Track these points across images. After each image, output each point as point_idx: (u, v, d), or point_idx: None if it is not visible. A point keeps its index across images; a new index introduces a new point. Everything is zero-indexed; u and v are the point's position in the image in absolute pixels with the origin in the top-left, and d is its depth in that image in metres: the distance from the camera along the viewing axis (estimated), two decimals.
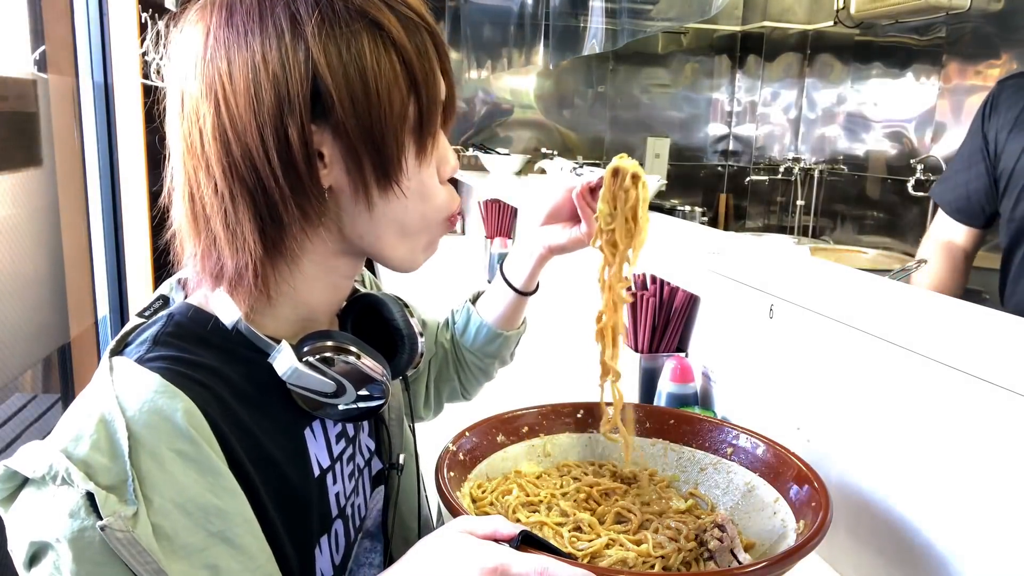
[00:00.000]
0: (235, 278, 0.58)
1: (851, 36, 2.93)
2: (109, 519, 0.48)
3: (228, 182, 0.55)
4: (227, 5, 0.56)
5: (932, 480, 0.81)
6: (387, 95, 0.56)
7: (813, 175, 3.14)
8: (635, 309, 1.39)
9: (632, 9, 2.50)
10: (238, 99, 0.54)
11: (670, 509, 0.82)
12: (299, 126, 0.54)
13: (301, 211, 0.57)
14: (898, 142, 2.71)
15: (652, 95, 3.54)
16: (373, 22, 0.55)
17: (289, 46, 0.54)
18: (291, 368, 0.59)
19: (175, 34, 0.59)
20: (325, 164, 0.57)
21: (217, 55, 0.55)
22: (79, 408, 0.53)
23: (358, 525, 0.71)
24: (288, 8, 0.54)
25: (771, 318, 1.06)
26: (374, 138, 0.56)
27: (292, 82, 0.54)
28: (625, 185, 0.75)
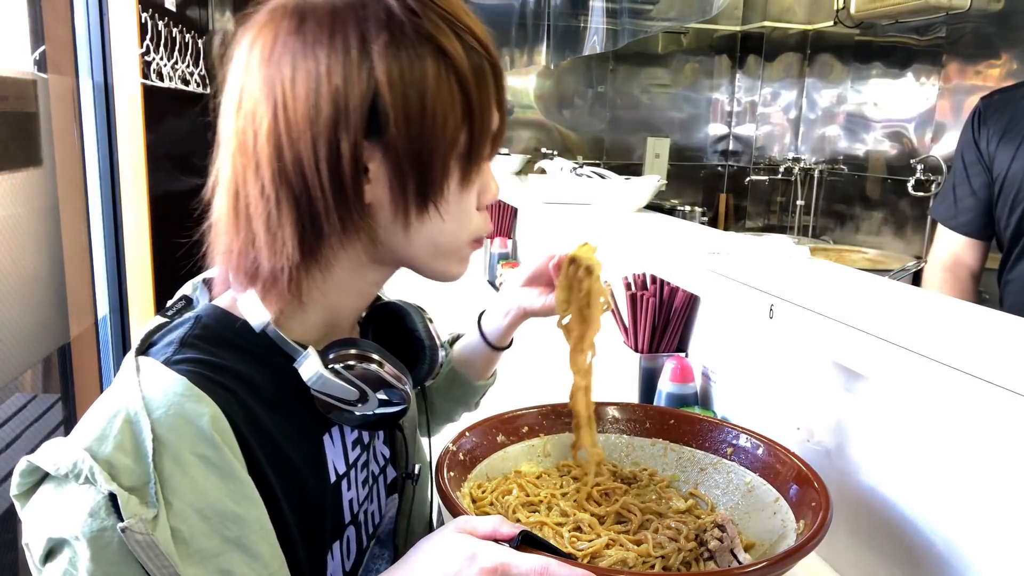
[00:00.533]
0: (269, 280, 0.58)
1: (851, 36, 2.93)
2: (130, 521, 0.48)
3: (275, 185, 0.56)
4: (299, 12, 0.56)
5: (932, 480, 0.81)
6: (442, 121, 0.56)
7: (813, 175, 3.14)
8: (635, 309, 1.39)
9: (632, 9, 2.50)
10: (297, 106, 0.55)
11: (670, 509, 0.82)
12: (352, 141, 0.55)
13: (341, 222, 0.57)
14: (898, 142, 2.71)
15: (652, 95, 3.54)
16: (439, 48, 0.56)
17: (355, 62, 0.54)
18: (316, 374, 0.59)
19: (241, 31, 0.60)
20: (369, 179, 0.57)
21: (283, 60, 0.55)
22: (105, 407, 0.53)
23: (371, 532, 0.71)
24: (359, 25, 0.55)
25: (771, 318, 1.06)
26: (422, 161, 0.57)
27: (352, 97, 0.54)
28: (579, 276, 0.77)
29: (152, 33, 2.08)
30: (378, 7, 0.55)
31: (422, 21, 0.56)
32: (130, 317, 2.02)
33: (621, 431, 0.94)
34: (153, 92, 2.08)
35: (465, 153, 0.59)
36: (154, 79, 2.10)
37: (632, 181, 1.89)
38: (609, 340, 1.50)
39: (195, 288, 0.67)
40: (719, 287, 1.18)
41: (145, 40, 2.02)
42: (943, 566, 0.79)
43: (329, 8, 0.56)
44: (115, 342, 2.02)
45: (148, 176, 2.03)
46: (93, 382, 1.99)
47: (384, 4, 0.56)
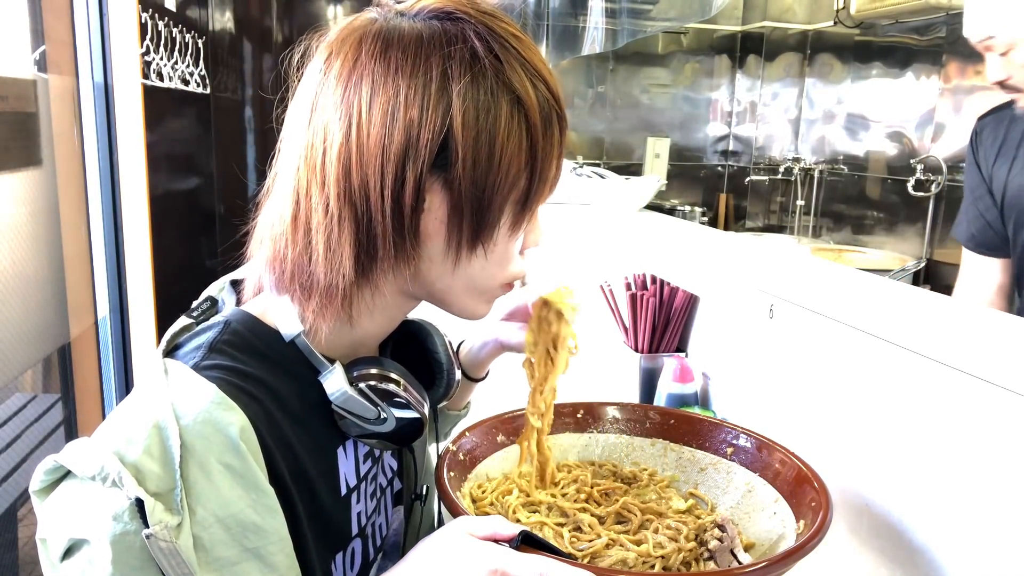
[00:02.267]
0: (325, 293, 0.58)
1: (851, 36, 2.93)
2: (155, 528, 0.48)
3: (339, 204, 0.56)
4: (384, 37, 0.57)
5: (932, 480, 0.81)
6: (507, 167, 0.57)
7: (813, 175, 3.14)
8: (635, 309, 1.39)
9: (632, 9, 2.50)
10: (371, 131, 0.55)
11: (670, 509, 0.82)
12: (418, 172, 0.55)
13: (395, 248, 0.58)
14: (898, 142, 2.71)
15: (652, 95, 3.54)
16: (515, 96, 0.57)
17: (433, 96, 0.55)
18: (341, 390, 0.60)
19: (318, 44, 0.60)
20: (427, 211, 0.58)
21: (363, 82, 0.56)
22: (133, 410, 0.53)
23: (378, 544, 0.71)
24: (443, 62, 0.56)
25: (771, 318, 1.06)
26: (481, 202, 0.58)
27: (425, 131, 0.55)
28: (549, 318, 0.77)
29: (152, 33, 2.08)
30: (464, 48, 0.56)
31: (503, 68, 0.57)
32: (130, 317, 2.02)
33: (621, 431, 0.94)
34: (153, 92, 2.08)
35: (521, 199, 0.60)
36: (154, 79, 2.10)
37: (632, 181, 1.89)
38: (609, 340, 1.50)
39: (221, 289, 0.67)
40: (719, 287, 1.18)
41: (145, 40, 2.02)
42: (943, 566, 0.79)
43: (415, 39, 0.56)
44: (115, 342, 2.02)
45: (148, 176, 2.03)
46: (93, 382, 1.99)
47: (470, 45, 0.56)
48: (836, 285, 0.99)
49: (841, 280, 1.01)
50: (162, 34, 2.17)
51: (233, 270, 0.69)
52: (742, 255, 1.24)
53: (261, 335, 0.60)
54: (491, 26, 0.58)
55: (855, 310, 0.91)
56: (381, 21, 0.58)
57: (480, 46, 0.56)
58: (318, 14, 3.14)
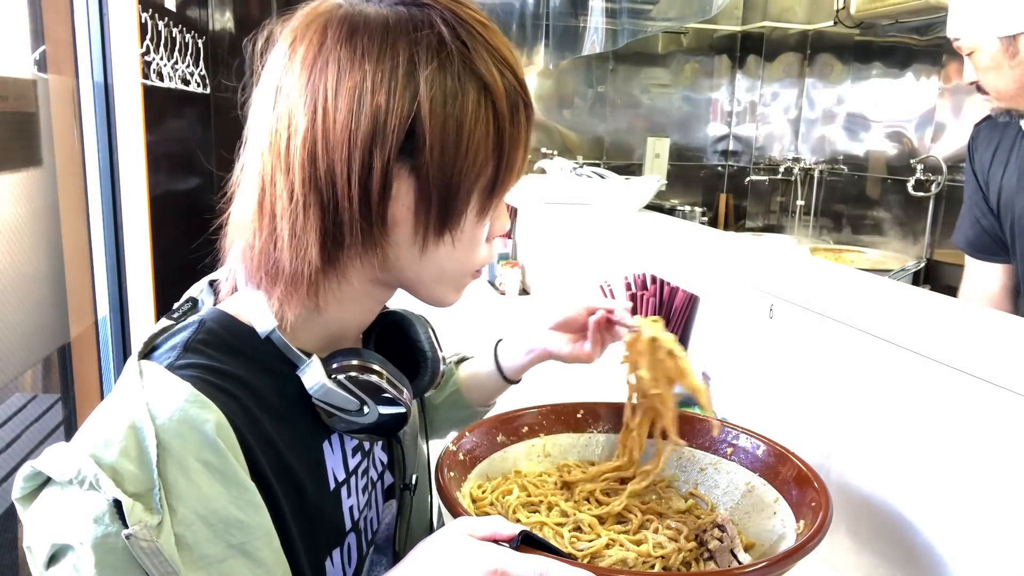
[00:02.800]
0: (290, 281, 0.58)
1: (851, 36, 2.93)
2: (135, 527, 0.48)
3: (305, 190, 0.56)
4: (350, 22, 0.56)
5: (932, 480, 0.81)
6: (474, 154, 0.57)
7: (813, 175, 3.14)
8: (635, 309, 1.39)
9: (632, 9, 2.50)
10: (337, 116, 0.55)
11: (670, 509, 0.82)
12: (385, 159, 0.55)
13: (363, 235, 0.58)
14: (898, 142, 2.71)
15: (652, 95, 3.54)
16: (482, 82, 0.57)
17: (400, 83, 0.55)
18: (319, 383, 0.60)
19: (283, 29, 0.60)
20: (394, 197, 0.57)
21: (328, 68, 0.55)
22: (108, 412, 0.53)
23: (370, 538, 0.71)
24: (409, 48, 0.55)
25: (771, 318, 1.06)
26: (448, 188, 0.57)
27: (392, 116, 0.54)
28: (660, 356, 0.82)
29: (152, 33, 2.08)
30: (431, 33, 0.56)
31: (470, 54, 0.57)
32: (130, 317, 2.02)
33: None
34: (153, 92, 2.08)
35: (488, 186, 0.60)
36: (154, 79, 2.10)
37: (632, 181, 1.89)
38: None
39: (201, 290, 0.67)
40: (719, 287, 1.18)
41: (145, 40, 2.02)
42: (943, 566, 0.79)
43: (382, 24, 0.56)
44: (115, 342, 2.02)
45: (148, 176, 2.03)
46: (93, 382, 1.99)
47: (437, 31, 0.56)
48: (836, 285, 0.99)
49: (841, 280, 1.01)
50: (162, 34, 2.17)
51: (212, 268, 0.69)
52: (742, 255, 1.24)
53: (236, 332, 0.60)
54: (458, 12, 0.57)
55: (855, 310, 0.91)
56: (346, 6, 0.57)
57: (447, 32, 0.56)
58: None
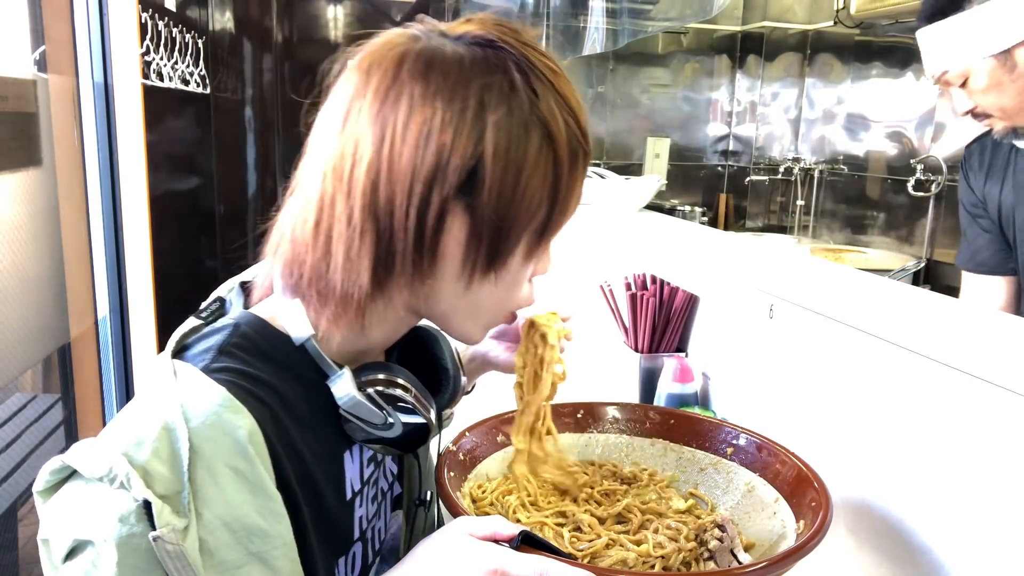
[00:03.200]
0: (340, 302, 0.59)
1: (851, 36, 2.93)
2: (163, 530, 0.48)
3: (363, 217, 0.56)
4: (427, 58, 0.57)
5: (932, 480, 0.81)
6: (530, 198, 0.58)
7: (813, 175, 3.14)
8: (635, 309, 1.39)
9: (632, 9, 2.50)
10: (404, 149, 0.55)
11: (670, 509, 0.82)
12: (444, 195, 0.56)
13: (413, 266, 0.58)
14: (898, 142, 2.71)
15: (652, 95, 3.54)
16: (547, 131, 0.58)
17: (468, 123, 0.55)
18: (349, 395, 0.60)
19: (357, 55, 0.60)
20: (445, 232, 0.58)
21: (400, 101, 0.56)
22: (142, 411, 0.53)
23: (377, 548, 0.72)
24: (481, 91, 0.56)
25: (771, 318, 1.06)
26: (500, 229, 0.58)
27: (456, 157, 0.55)
28: (536, 340, 0.76)
29: (152, 33, 2.08)
30: (503, 79, 0.57)
31: (539, 101, 0.57)
32: (130, 317, 2.02)
33: (621, 431, 0.94)
34: (153, 92, 2.08)
35: (539, 229, 0.60)
36: (154, 79, 2.10)
37: (632, 181, 1.89)
38: (609, 340, 1.50)
39: (230, 290, 0.67)
40: (719, 287, 1.18)
41: (145, 40, 2.02)
42: (943, 566, 0.79)
43: (457, 63, 0.56)
44: (115, 342, 2.02)
45: (148, 176, 2.03)
46: (93, 382, 1.99)
47: (509, 77, 0.57)
48: (836, 285, 0.99)
49: (841, 280, 1.01)
50: (162, 34, 2.17)
51: (235, 269, 0.69)
52: (742, 255, 1.24)
53: (270, 338, 0.61)
54: (531, 59, 0.58)
55: (855, 310, 0.91)
56: (424, 41, 0.58)
57: (519, 78, 0.57)
58: (318, 14, 3.14)
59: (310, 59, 3.11)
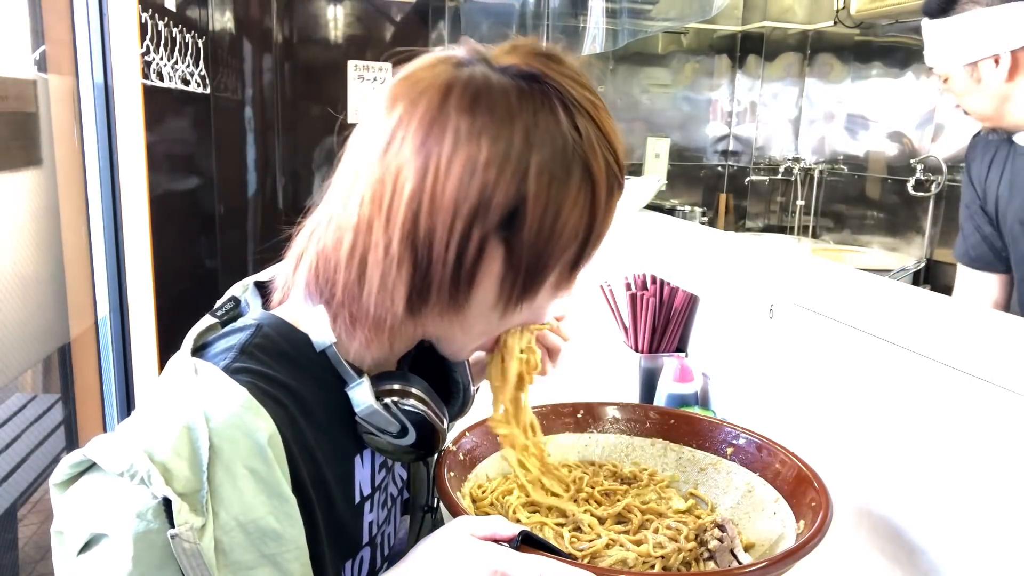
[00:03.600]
0: (373, 326, 0.59)
1: (851, 36, 2.93)
2: (181, 528, 0.48)
3: (402, 247, 0.56)
4: (473, 91, 0.56)
5: (932, 480, 0.81)
6: (566, 237, 0.58)
7: (813, 175, 3.14)
8: (635, 309, 1.39)
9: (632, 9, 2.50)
10: (448, 183, 0.55)
11: (670, 509, 0.82)
12: (484, 231, 0.56)
13: (449, 298, 0.58)
14: (898, 142, 2.71)
15: (652, 95, 3.54)
16: (587, 170, 0.58)
17: (512, 164, 0.55)
18: (367, 404, 0.61)
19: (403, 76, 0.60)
20: (483, 266, 0.58)
21: (446, 134, 0.55)
22: (163, 409, 0.54)
23: (386, 554, 0.72)
24: (526, 129, 0.56)
25: (771, 318, 1.06)
26: (536, 266, 0.58)
27: (498, 195, 0.55)
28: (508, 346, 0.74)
29: (152, 33, 2.08)
30: (548, 118, 0.56)
31: (582, 141, 0.57)
32: (130, 317, 2.02)
33: (621, 431, 0.94)
34: (153, 92, 2.08)
35: (572, 261, 0.61)
36: (154, 79, 2.10)
37: (632, 181, 1.89)
38: (609, 340, 1.50)
39: (245, 290, 0.68)
40: (719, 287, 1.18)
41: (145, 40, 2.02)
42: (943, 566, 0.79)
43: (503, 99, 0.56)
44: (115, 342, 2.01)
45: (148, 176, 2.03)
46: (93, 382, 1.99)
47: (554, 116, 0.57)
48: (836, 285, 0.99)
49: (841, 280, 1.01)
50: (162, 34, 2.17)
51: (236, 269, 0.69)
52: (742, 255, 1.24)
53: (292, 341, 0.61)
54: (574, 94, 0.58)
55: (855, 310, 0.91)
56: (469, 70, 0.57)
57: (563, 116, 0.57)
58: (318, 14, 3.14)
59: (310, 59, 3.11)
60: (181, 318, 0.65)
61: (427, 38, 3.33)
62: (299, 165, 3.24)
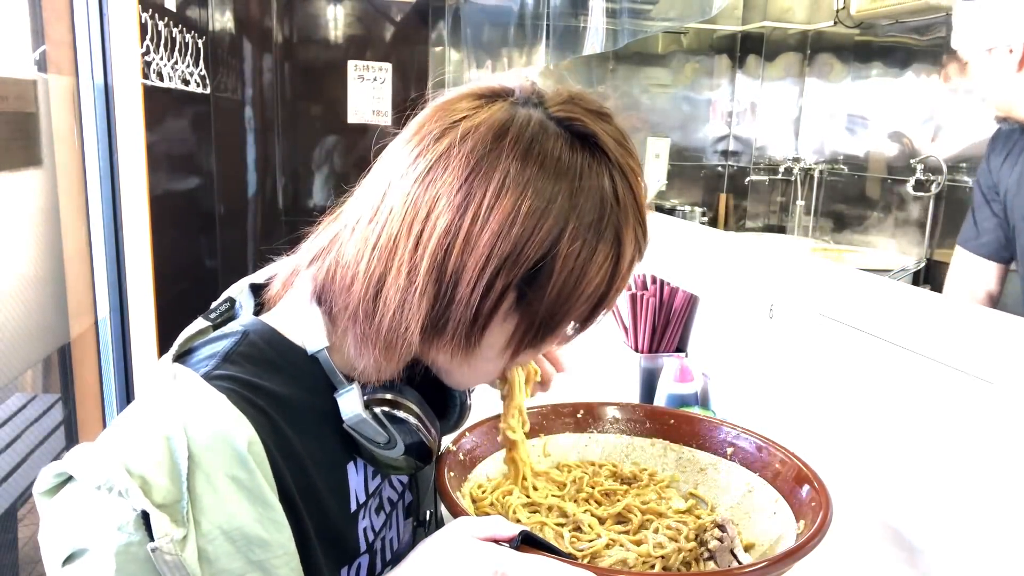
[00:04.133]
0: (384, 348, 0.58)
1: (851, 36, 2.93)
2: (160, 540, 0.48)
3: (427, 279, 0.56)
4: (528, 141, 0.56)
5: (932, 480, 0.81)
6: (584, 298, 0.58)
7: (813, 175, 3.14)
8: (635, 309, 1.39)
9: (632, 9, 2.50)
10: (486, 227, 0.55)
11: (670, 509, 0.82)
12: (507, 281, 0.56)
13: (464, 336, 0.58)
14: (898, 142, 2.71)
15: (652, 95, 3.54)
16: (618, 238, 0.58)
17: (550, 221, 0.55)
18: (355, 413, 0.60)
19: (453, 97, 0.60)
20: (498, 315, 0.58)
21: (494, 174, 0.55)
22: (141, 418, 0.53)
23: (388, 559, 0.71)
24: (572, 189, 0.56)
25: (771, 318, 1.06)
26: (550, 322, 0.59)
27: (531, 247, 0.55)
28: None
29: (152, 33, 2.08)
30: (595, 183, 0.57)
31: (619, 210, 0.58)
32: (130, 317, 2.02)
33: (621, 431, 0.94)
34: (153, 92, 2.08)
35: (582, 319, 0.61)
36: (154, 79, 2.10)
37: None
38: (609, 340, 1.50)
39: (241, 291, 0.67)
40: (719, 287, 1.18)
41: (145, 40, 2.02)
42: (943, 566, 0.79)
43: (556, 157, 0.56)
44: (115, 342, 2.02)
45: (148, 176, 2.03)
46: (93, 382, 1.99)
47: (601, 183, 0.57)
48: (836, 285, 0.99)
49: (841, 280, 1.01)
50: (162, 34, 2.17)
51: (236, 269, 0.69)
52: (742, 255, 1.24)
53: (279, 349, 0.60)
54: (621, 162, 0.58)
55: (855, 310, 0.91)
56: (525, 112, 0.57)
57: (609, 190, 0.57)
58: (318, 14, 3.14)
59: (310, 59, 3.11)
60: (181, 318, 0.64)
61: (427, 38, 3.33)
62: (299, 165, 3.24)
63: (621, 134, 0.60)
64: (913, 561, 0.83)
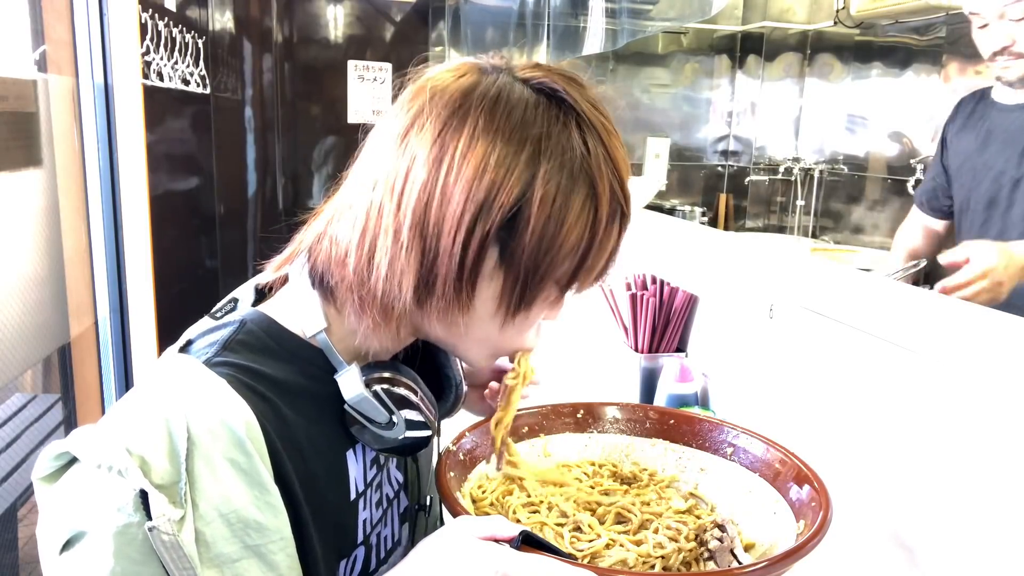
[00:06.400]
0: (381, 311, 0.60)
1: (851, 36, 2.93)
2: (158, 520, 0.48)
3: (411, 236, 0.57)
4: (496, 94, 0.58)
5: (933, 480, 0.81)
6: (564, 251, 0.59)
7: (813, 175, 3.14)
8: (635, 309, 1.39)
9: (632, 9, 2.50)
10: (460, 177, 0.56)
11: (670, 509, 0.82)
12: (485, 230, 0.57)
13: (455, 293, 0.59)
14: (898, 142, 2.71)
15: (652, 95, 3.54)
16: (593, 188, 0.59)
17: (521, 168, 0.56)
18: (356, 391, 0.61)
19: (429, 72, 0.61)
20: (483, 268, 0.59)
21: (463, 129, 0.57)
22: (142, 401, 0.54)
23: (382, 556, 0.72)
24: (539, 137, 0.57)
25: (771, 318, 1.06)
26: (532, 275, 0.59)
27: (502, 195, 0.56)
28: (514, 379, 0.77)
29: (152, 33, 2.08)
30: (562, 131, 0.58)
31: (590, 159, 0.58)
32: (130, 317, 2.02)
33: (621, 431, 0.94)
34: (153, 92, 2.08)
35: (565, 281, 0.61)
36: (154, 79, 2.10)
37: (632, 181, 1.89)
38: (609, 340, 1.50)
39: (245, 292, 0.68)
40: (719, 287, 1.18)
41: (145, 40, 2.02)
42: (943, 566, 0.79)
43: (523, 106, 0.58)
44: (115, 342, 2.02)
45: (148, 176, 2.03)
46: (93, 382, 1.99)
47: (569, 131, 0.58)
48: (836, 285, 0.99)
49: (841, 280, 1.01)
50: (162, 34, 2.17)
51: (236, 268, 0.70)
52: (742, 255, 1.24)
53: (277, 335, 0.61)
54: (590, 116, 0.59)
55: (855, 310, 0.91)
56: (492, 77, 0.59)
57: (576, 132, 0.58)
58: (318, 14, 3.14)
59: (310, 59, 3.11)
60: (181, 318, 0.65)
61: (427, 38, 3.33)
62: (299, 165, 3.24)
63: (593, 96, 0.61)
64: (913, 561, 0.83)
